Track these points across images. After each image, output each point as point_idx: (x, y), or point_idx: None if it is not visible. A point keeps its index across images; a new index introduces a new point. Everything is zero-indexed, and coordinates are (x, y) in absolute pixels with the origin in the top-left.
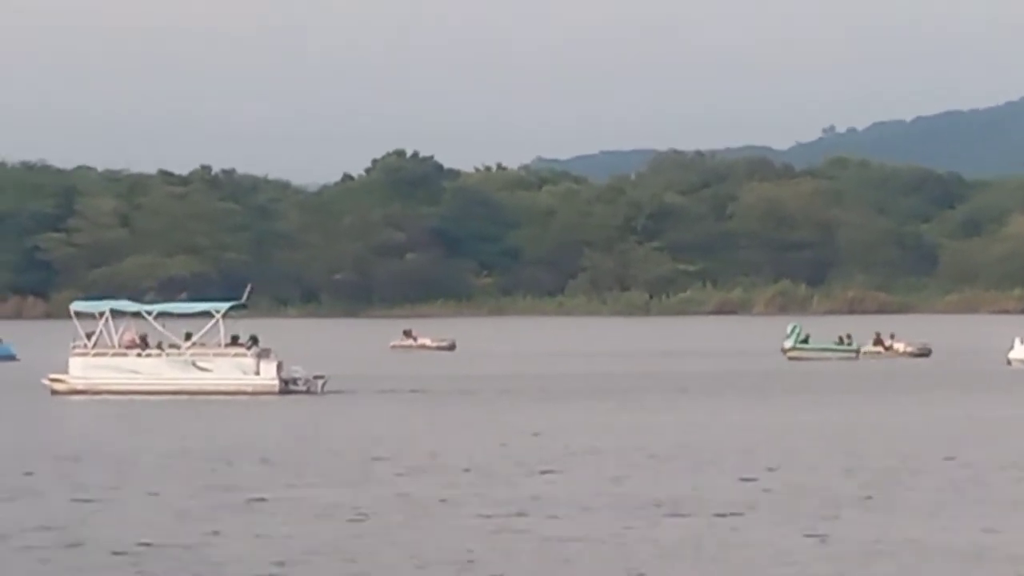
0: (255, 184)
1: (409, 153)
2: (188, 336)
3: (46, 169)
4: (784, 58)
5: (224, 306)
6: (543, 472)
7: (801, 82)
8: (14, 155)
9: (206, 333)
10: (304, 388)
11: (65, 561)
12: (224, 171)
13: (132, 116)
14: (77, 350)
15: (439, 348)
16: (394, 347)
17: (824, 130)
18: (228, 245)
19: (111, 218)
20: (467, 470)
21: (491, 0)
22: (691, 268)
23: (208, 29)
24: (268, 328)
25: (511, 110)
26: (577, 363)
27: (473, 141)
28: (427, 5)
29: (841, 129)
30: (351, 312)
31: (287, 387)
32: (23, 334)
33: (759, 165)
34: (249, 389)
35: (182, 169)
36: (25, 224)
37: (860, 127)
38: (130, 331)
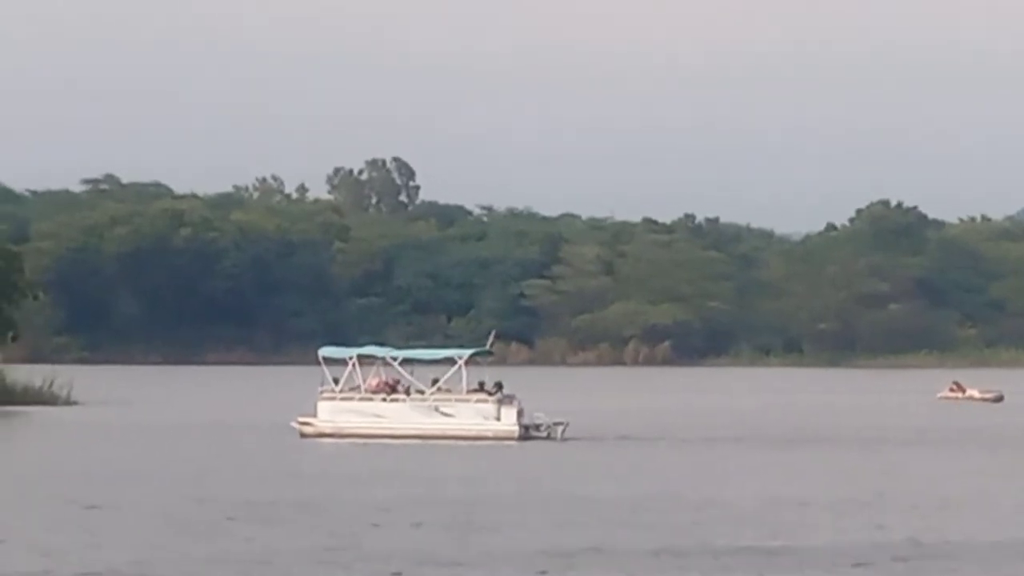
0: (738, 233)
1: (893, 203)
2: (434, 382)
3: (532, 216)
4: None
5: (467, 352)
6: None
7: None
8: (502, 202)
9: (450, 379)
10: (545, 434)
11: None
12: (708, 220)
13: (616, 164)
14: (325, 394)
15: (986, 400)
16: (941, 398)
17: None
18: (711, 293)
19: (595, 265)
20: None
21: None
22: None
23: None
24: (748, 377)
25: (997, 161)
26: None
27: (958, 192)
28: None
29: None
30: (834, 362)
31: (527, 433)
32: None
33: None
34: (490, 434)
35: (666, 217)
36: (511, 271)
37: None
38: (378, 376)
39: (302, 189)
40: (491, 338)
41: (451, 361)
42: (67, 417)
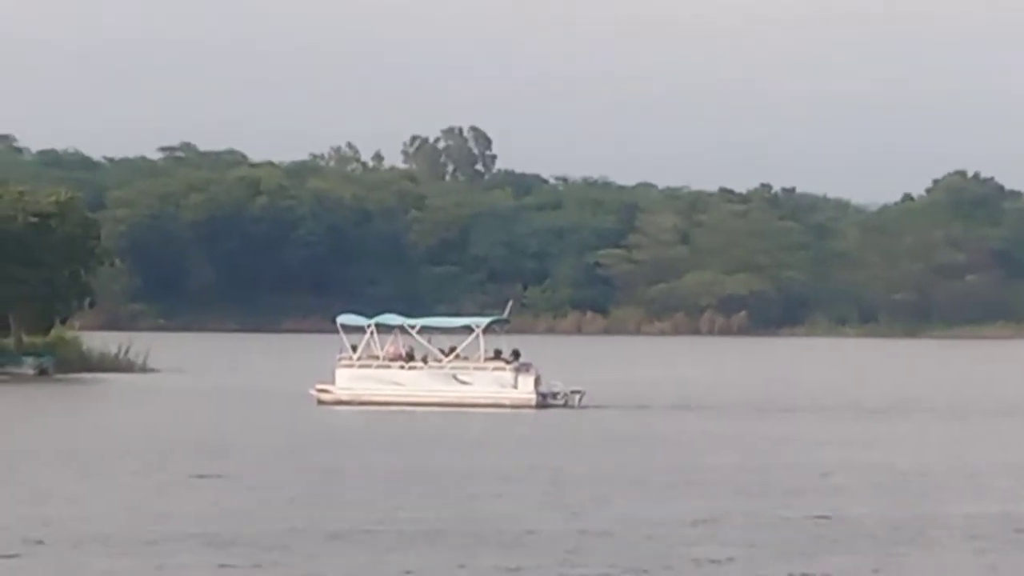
0: (814, 203)
1: (970, 174)
2: (452, 350)
3: (608, 186)
4: None
5: (484, 321)
6: None
7: None
8: (576, 171)
9: (467, 347)
10: (562, 402)
11: None
12: (784, 190)
13: (693, 134)
14: (343, 362)
15: None
16: None
17: None
18: (787, 263)
19: (671, 235)
20: None
21: None
22: None
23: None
24: (825, 347)
25: None
26: None
27: None
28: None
29: None
30: (910, 332)
31: (545, 401)
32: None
33: None
34: (507, 402)
35: (742, 187)
36: (586, 240)
37: None
38: (395, 344)
39: (378, 157)
40: (509, 307)
41: (469, 329)
42: (143, 384)
